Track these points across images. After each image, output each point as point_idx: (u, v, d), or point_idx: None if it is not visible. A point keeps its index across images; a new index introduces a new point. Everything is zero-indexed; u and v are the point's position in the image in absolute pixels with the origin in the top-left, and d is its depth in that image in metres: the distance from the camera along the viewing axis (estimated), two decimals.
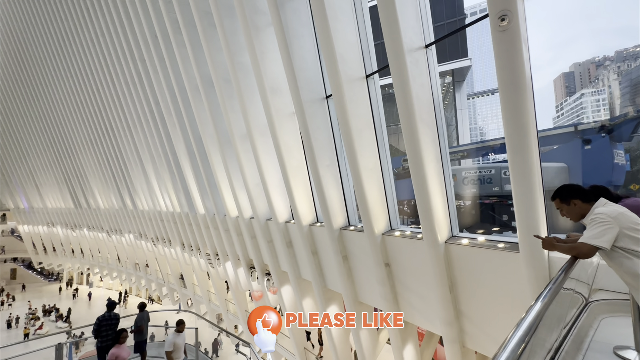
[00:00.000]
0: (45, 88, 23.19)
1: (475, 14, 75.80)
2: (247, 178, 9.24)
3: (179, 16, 9.49)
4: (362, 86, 5.61)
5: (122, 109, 16.21)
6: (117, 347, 4.52)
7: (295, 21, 6.20)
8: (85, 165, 22.85)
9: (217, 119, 9.81)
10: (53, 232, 33.78)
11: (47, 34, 20.54)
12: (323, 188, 6.56)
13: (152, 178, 16.44)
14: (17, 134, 29.95)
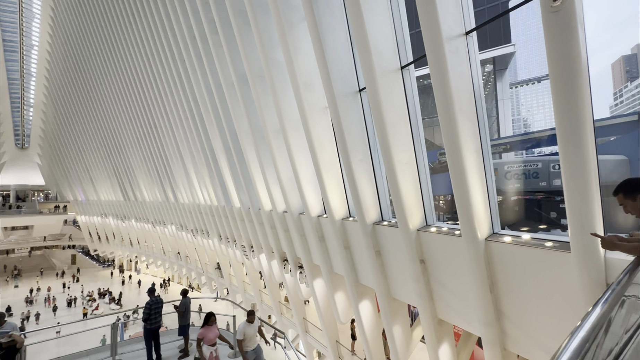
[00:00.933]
0: (99, 92, 25.22)
1: None
2: (281, 172, 9.43)
3: (216, 16, 9.82)
4: (396, 78, 5.46)
5: (165, 108, 17.20)
6: (205, 328, 4.75)
7: (329, 15, 6.16)
8: (133, 161, 24.64)
9: (251, 115, 10.08)
10: (106, 222, 36.96)
11: (99, 45, 22.26)
12: (356, 182, 6.52)
13: (191, 173, 17.35)
14: (75, 134, 32.98)
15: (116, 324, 5.88)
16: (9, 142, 42.32)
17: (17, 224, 41.24)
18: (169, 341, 6.16)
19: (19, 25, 30.96)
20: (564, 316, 3.80)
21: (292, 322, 13.26)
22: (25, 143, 43.84)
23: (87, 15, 22.66)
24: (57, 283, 34.91)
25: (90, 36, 23.29)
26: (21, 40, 32.50)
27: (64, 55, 28.91)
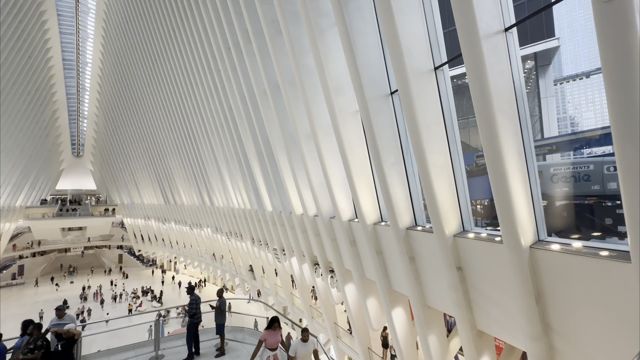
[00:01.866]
0: (143, 104, 27.14)
1: None
2: (312, 177, 9.52)
3: (249, 26, 10.21)
4: (430, 79, 5.32)
5: (202, 117, 18.11)
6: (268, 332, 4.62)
7: (359, 19, 6.17)
8: (172, 167, 26.15)
9: (283, 121, 10.31)
10: (148, 224, 39.44)
11: (143, 61, 23.99)
12: (388, 186, 6.41)
13: (226, 177, 18.07)
14: (122, 142, 35.68)
15: (159, 321, 6.23)
16: (66, 151, 46.75)
17: (73, 225, 45.27)
18: (206, 339, 6.40)
19: (75, 45, 34.28)
20: (623, 333, 3.44)
21: (323, 326, 13.24)
22: (80, 151, 48.18)
23: (133, 34, 24.55)
24: (105, 280, 37.74)
25: (136, 53, 25.19)
26: (78, 58, 35.95)
27: (114, 71, 31.52)
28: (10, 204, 38.22)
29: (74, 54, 35.40)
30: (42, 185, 44.88)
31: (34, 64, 30.70)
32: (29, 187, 40.41)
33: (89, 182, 51.45)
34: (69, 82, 38.38)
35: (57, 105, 39.72)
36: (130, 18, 24.26)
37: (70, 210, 45.63)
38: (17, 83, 28.68)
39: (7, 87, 27.18)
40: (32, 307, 28.06)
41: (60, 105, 40.08)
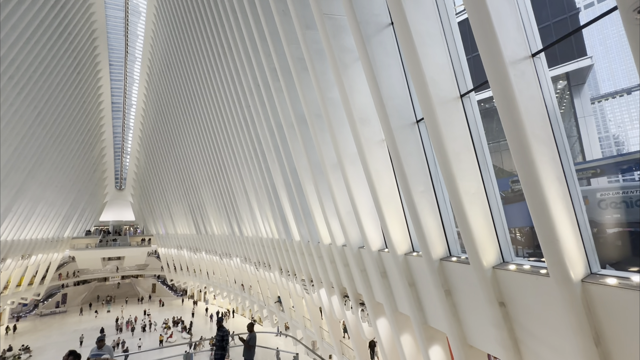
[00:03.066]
0: (179, 140, 29.10)
1: (591, 5, 64.23)
2: (339, 206, 9.50)
3: (277, 65, 10.89)
4: (456, 107, 5.31)
5: (232, 150, 19.02)
6: None
7: (382, 53, 6.40)
8: (205, 198, 27.25)
9: (310, 152, 10.57)
10: (181, 254, 40.63)
11: (180, 101, 26.10)
12: (418, 215, 6.24)
13: (255, 207, 18.48)
14: (160, 176, 38.01)
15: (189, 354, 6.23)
16: (110, 185, 50.47)
17: (113, 255, 47.71)
18: None
19: (123, 90, 38.13)
20: None
21: None
22: (122, 185, 51.78)
23: (172, 78, 26.96)
24: (139, 309, 38.68)
25: (174, 94, 27.48)
26: (124, 101, 39.82)
27: (154, 110, 34.42)
28: (59, 235, 41.29)
29: (121, 98, 39.27)
30: (88, 217, 48.26)
31: (88, 108, 34.33)
32: (76, 219, 43.61)
33: (129, 214, 54.61)
34: (115, 122, 42.30)
35: (105, 143, 43.62)
36: (170, 64, 26.76)
37: (110, 241, 48.32)
38: (73, 125, 32.06)
39: (64, 129, 30.43)
40: (73, 335, 29.17)
41: (108, 143, 43.99)
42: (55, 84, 25.91)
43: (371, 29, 6.45)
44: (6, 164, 23.90)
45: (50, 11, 21.43)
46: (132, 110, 41.42)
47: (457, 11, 13.14)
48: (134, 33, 31.77)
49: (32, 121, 24.89)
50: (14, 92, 21.54)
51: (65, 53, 25.51)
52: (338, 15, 7.46)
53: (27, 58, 21.35)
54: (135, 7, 28.60)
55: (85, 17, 26.13)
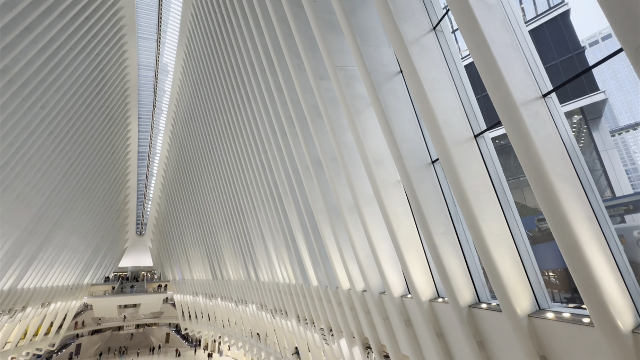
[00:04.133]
0: (198, 186, 30.12)
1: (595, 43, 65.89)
2: (357, 249, 9.26)
3: (292, 113, 11.46)
4: (471, 147, 5.33)
5: (249, 195, 19.40)
6: None
7: (393, 99, 6.66)
8: (222, 242, 27.27)
9: (326, 194, 10.64)
10: (196, 301, 39.74)
11: (200, 149, 27.52)
12: (441, 258, 5.98)
13: (271, 251, 18.26)
14: (179, 221, 38.75)
15: None
16: (131, 231, 51.64)
17: (129, 302, 47.19)
18: None
19: (149, 140, 40.70)
20: None
21: None
22: (142, 230, 52.89)
23: (193, 127, 28.71)
24: None
25: (196, 142, 29.04)
26: (149, 150, 42.26)
27: (177, 158, 36.20)
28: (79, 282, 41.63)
29: (146, 147, 41.78)
30: (108, 263, 48.85)
31: (116, 158, 36.55)
32: (96, 265, 44.19)
33: (147, 259, 54.96)
34: (140, 170, 44.53)
35: (129, 190, 45.56)
36: (193, 114, 28.68)
37: (127, 288, 48.16)
38: (102, 174, 33.96)
39: (93, 178, 32.23)
40: None
41: (132, 190, 45.93)
42: (89, 137, 28.04)
43: (381, 77, 6.80)
44: (37, 214, 25.15)
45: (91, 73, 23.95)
46: (156, 158, 43.73)
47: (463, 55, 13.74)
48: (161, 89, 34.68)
49: (65, 171, 26.57)
50: (52, 145, 23.39)
51: (100, 109, 27.94)
52: (349, 67, 7.95)
53: (67, 115, 23.47)
54: (164, 67, 31.57)
55: (121, 77, 28.97)
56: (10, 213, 22.18)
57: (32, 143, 21.20)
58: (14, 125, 18.43)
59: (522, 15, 16.49)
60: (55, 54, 18.16)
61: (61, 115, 22.64)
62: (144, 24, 25.76)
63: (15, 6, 13.19)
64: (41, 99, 19.58)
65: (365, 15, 7.08)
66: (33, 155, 21.97)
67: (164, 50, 29.27)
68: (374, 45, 6.76)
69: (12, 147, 19.33)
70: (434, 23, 6.07)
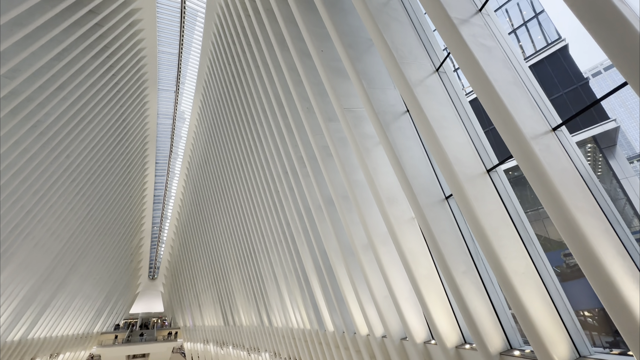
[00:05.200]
0: (211, 228, 30.28)
1: (598, 74, 66.89)
2: (374, 290, 8.87)
3: (303, 153, 11.74)
4: (485, 182, 5.27)
5: (262, 236, 19.29)
6: None
7: (401, 137, 6.79)
8: (234, 286, 26.62)
9: (339, 233, 10.47)
10: (207, 349, 37.89)
11: (213, 193, 28.14)
12: (464, 299, 5.64)
13: (284, 294, 17.64)
14: (191, 265, 38.44)
15: None
16: (144, 275, 51.25)
17: (137, 351, 45.36)
18: None
19: (164, 183, 41.92)
20: None
21: None
22: (155, 274, 52.42)
23: (208, 169, 29.59)
24: None
25: (209, 184, 29.73)
26: (165, 193, 43.34)
27: (191, 200, 36.89)
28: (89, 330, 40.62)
29: (162, 190, 42.89)
30: (120, 310, 47.91)
31: (133, 202, 37.50)
32: (108, 312, 43.35)
33: (158, 305, 53.75)
34: (155, 213, 45.31)
35: (144, 234, 46.03)
36: (207, 158, 29.70)
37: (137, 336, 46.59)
38: (118, 218, 34.67)
39: (110, 222, 32.88)
40: None
41: (146, 233, 46.40)
42: (109, 183, 29.13)
43: (389, 117, 7.00)
44: (54, 259, 25.45)
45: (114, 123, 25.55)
46: (170, 201, 44.65)
47: (467, 92, 14.15)
48: (178, 135, 36.44)
49: (83, 217, 27.28)
50: (73, 192, 24.32)
51: (121, 156, 29.33)
52: (357, 108, 8.26)
53: (89, 162, 24.68)
54: (181, 114, 33.47)
55: (141, 126, 30.75)
56: (29, 260, 22.53)
57: (55, 190, 22.12)
58: (40, 174, 19.42)
59: (522, 53, 17.10)
60: (82, 108, 19.62)
61: (84, 163, 23.82)
62: (164, 77, 27.86)
63: (52, 68, 14.59)
64: (67, 149, 20.79)
65: (370, 60, 7.50)
66: (55, 202, 22.79)
67: (181, 100, 31.24)
68: (380, 88, 7.06)
69: (37, 195, 20.19)
70: (437, 65, 6.36)
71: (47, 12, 12.12)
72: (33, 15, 11.80)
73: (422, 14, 6.96)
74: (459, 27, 4.44)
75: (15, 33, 11.33)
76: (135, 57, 21.65)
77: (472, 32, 4.56)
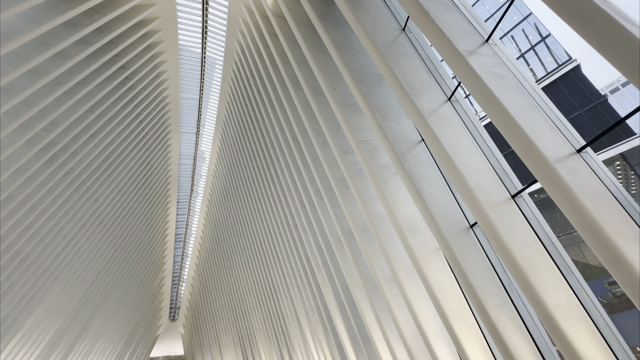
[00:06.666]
0: (231, 266, 30.19)
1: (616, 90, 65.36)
2: (402, 327, 8.37)
3: (320, 187, 11.82)
4: (510, 208, 5.08)
5: (282, 270, 18.99)
6: None
7: (419, 166, 6.76)
8: (254, 325, 25.83)
9: (360, 266, 10.17)
10: None
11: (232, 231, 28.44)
12: (502, 337, 5.21)
13: (306, 332, 16.90)
14: (211, 304, 37.92)
15: None
16: (165, 316, 50.75)
17: None
18: None
19: (185, 222, 42.79)
20: None
21: None
22: (175, 315, 51.82)
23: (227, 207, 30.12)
24: None
25: (228, 221, 30.09)
26: (185, 232, 44.06)
27: (211, 238, 37.26)
28: None
29: (183, 229, 43.68)
30: (140, 353, 47.00)
31: (155, 242, 38.23)
32: (128, 356, 42.57)
33: (178, 347, 52.48)
34: (176, 252, 45.82)
35: (165, 273, 46.28)
36: (226, 195, 30.36)
37: None
38: (141, 259, 35.22)
39: (133, 263, 33.40)
40: None
41: (167, 273, 46.64)
42: (132, 223, 30.02)
43: (404, 147, 7.04)
44: (79, 302, 25.76)
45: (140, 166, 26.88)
46: (191, 239, 45.21)
47: (480, 117, 14.12)
48: (198, 174, 37.78)
49: (108, 258, 27.90)
50: (100, 234, 25.15)
51: (145, 197, 30.47)
52: (371, 140, 8.37)
53: (115, 205, 25.71)
54: (201, 154, 34.93)
55: (164, 167, 32.18)
56: (55, 303, 22.92)
57: (83, 233, 22.95)
58: (70, 218, 20.32)
59: (533, 76, 17.12)
60: (111, 153, 20.88)
61: (110, 206, 24.84)
62: (186, 120, 29.58)
63: (85, 119, 15.83)
64: (96, 192, 21.86)
65: (382, 94, 7.72)
66: (82, 244, 23.56)
67: (201, 140, 32.77)
68: (394, 120, 7.18)
69: (66, 239, 20.99)
70: (448, 94, 6.46)
71: (84, 70, 13.42)
72: (72, 74, 13.08)
73: (428, 46, 7.22)
74: (468, 58, 4.56)
75: (56, 91, 12.53)
76: (160, 104, 23.24)
77: (482, 62, 4.67)
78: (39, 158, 14.42)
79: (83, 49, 12.67)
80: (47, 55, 11.02)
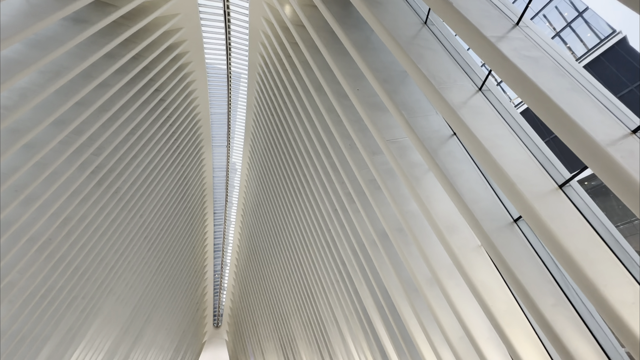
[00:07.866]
0: (268, 273, 30.81)
1: None
2: (446, 330, 8.02)
3: (351, 189, 11.74)
4: (559, 198, 4.71)
5: (318, 276, 19.05)
6: None
7: (452, 161, 6.50)
8: (295, 330, 26.08)
9: (398, 268, 9.93)
10: None
11: (269, 238, 29.05)
12: (560, 339, 4.81)
13: (347, 337, 16.75)
14: (252, 310, 38.87)
15: None
16: (209, 323, 52.83)
17: None
18: None
19: (222, 232, 44.45)
20: None
21: None
22: (219, 322, 53.74)
23: (260, 215, 30.88)
24: None
25: (263, 229, 30.82)
26: (223, 241, 45.77)
27: (247, 247, 38.36)
28: None
29: (220, 239, 45.42)
30: None
31: (196, 252, 40.07)
32: None
33: (224, 354, 54.28)
34: (216, 261, 47.69)
35: (207, 282, 48.25)
36: (258, 204, 31.14)
37: None
38: (185, 268, 37.04)
39: (177, 273, 35.21)
40: None
41: (209, 282, 48.60)
42: (174, 236, 31.72)
43: (435, 143, 6.81)
44: (132, 312, 27.59)
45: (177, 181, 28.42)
46: (229, 249, 46.86)
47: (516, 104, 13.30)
48: (231, 185, 39.18)
49: (155, 269, 29.65)
50: (147, 247, 26.84)
51: (184, 211, 32.13)
52: (400, 139, 8.19)
53: (159, 219, 27.35)
54: (233, 166, 36.25)
55: (200, 181, 33.77)
56: (111, 314, 24.72)
57: (132, 247, 24.64)
58: (120, 234, 21.92)
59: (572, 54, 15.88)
60: (152, 171, 22.30)
61: (154, 220, 26.45)
62: (217, 134, 30.91)
63: (127, 142, 17.09)
64: (140, 209, 23.40)
65: (408, 90, 7.54)
66: (132, 258, 25.28)
67: (232, 152, 34.04)
68: (422, 116, 6.98)
69: (117, 253, 22.64)
70: (478, 84, 6.16)
71: (124, 96, 14.50)
72: (113, 101, 14.19)
73: (453, 37, 6.96)
74: (498, 44, 4.33)
75: (100, 118, 13.65)
76: (192, 121, 24.50)
77: (513, 47, 4.41)
78: (90, 180, 15.74)
79: (122, 77, 13.70)
80: (91, 86, 12.05)
